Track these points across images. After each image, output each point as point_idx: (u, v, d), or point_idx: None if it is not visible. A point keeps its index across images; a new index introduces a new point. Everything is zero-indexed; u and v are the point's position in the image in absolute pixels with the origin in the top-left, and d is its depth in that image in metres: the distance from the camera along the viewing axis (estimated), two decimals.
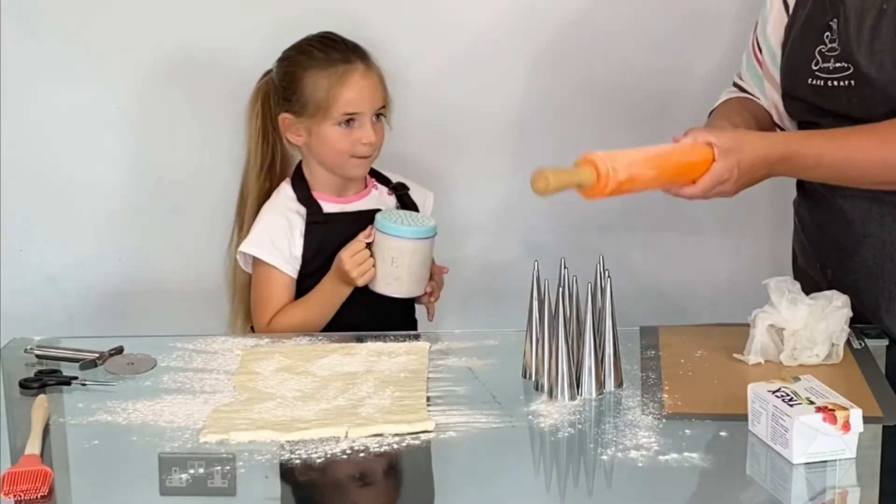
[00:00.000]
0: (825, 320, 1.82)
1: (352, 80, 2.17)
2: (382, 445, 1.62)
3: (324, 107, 2.16)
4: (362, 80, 2.18)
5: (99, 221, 2.67)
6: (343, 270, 2.13)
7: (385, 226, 2.14)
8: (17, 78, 2.57)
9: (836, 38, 1.93)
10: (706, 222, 2.72)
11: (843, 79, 1.91)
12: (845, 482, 1.53)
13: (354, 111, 2.17)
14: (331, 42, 2.21)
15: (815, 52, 1.95)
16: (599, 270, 1.79)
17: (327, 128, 2.18)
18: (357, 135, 2.17)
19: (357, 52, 2.20)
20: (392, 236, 2.13)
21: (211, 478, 1.55)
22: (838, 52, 1.92)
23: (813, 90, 1.96)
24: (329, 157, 2.20)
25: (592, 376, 1.75)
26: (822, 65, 1.94)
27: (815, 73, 1.95)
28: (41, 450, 1.62)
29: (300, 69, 2.19)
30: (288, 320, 2.17)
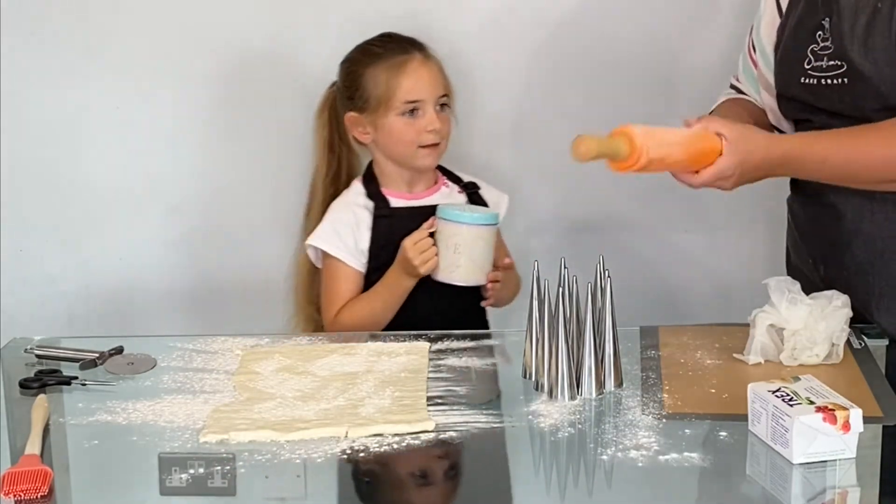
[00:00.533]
0: (825, 320, 1.82)
1: (409, 68, 2.20)
2: (382, 445, 1.62)
3: (385, 98, 2.20)
4: (420, 68, 2.21)
5: (99, 221, 2.67)
6: (406, 259, 2.15)
7: (447, 213, 2.16)
8: (17, 78, 2.57)
9: (828, 36, 1.93)
10: (706, 222, 2.72)
11: (836, 77, 1.92)
12: (845, 482, 1.53)
13: (415, 99, 2.20)
14: (388, 38, 2.26)
15: (808, 52, 1.96)
16: (599, 270, 1.79)
17: (391, 119, 2.20)
18: (421, 123, 2.20)
19: (414, 44, 2.24)
20: (453, 223, 2.15)
21: (211, 478, 1.55)
22: (831, 51, 1.92)
23: (806, 89, 1.97)
24: (396, 150, 2.23)
25: (592, 376, 1.75)
26: (814, 63, 1.95)
27: (807, 71, 1.96)
28: (41, 450, 1.62)
29: (360, 66, 2.24)
30: (353, 314, 2.21)
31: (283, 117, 2.60)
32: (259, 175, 2.64)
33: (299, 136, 2.57)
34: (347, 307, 2.22)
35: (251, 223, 2.66)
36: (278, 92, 2.59)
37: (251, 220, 2.66)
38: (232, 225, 2.67)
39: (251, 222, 2.66)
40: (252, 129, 2.63)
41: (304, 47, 2.56)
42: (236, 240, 2.68)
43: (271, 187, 2.63)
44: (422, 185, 2.29)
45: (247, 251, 2.68)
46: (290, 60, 2.57)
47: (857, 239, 1.97)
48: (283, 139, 2.61)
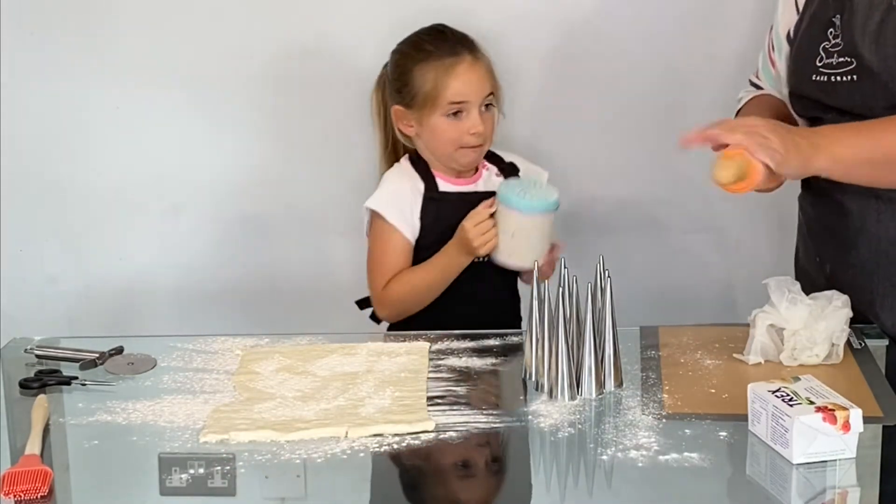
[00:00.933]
0: (825, 320, 1.82)
1: (458, 71, 2.21)
2: (382, 445, 1.62)
3: (431, 98, 2.21)
4: (469, 70, 2.22)
5: (99, 221, 2.67)
6: (466, 239, 2.17)
7: (509, 199, 2.16)
8: (17, 78, 2.57)
9: (839, 33, 1.93)
10: (706, 222, 2.72)
11: (847, 73, 1.92)
12: (845, 482, 1.53)
13: (461, 100, 2.21)
14: (440, 34, 2.27)
15: (820, 49, 1.96)
16: (599, 270, 1.79)
17: (436, 119, 2.22)
18: (465, 125, 2.22)
19: (464, 44, 2.25)
20: (514, 210, 2.16)
21: (211, 478, 1.55)
22: (842, 47, 1.93)
23: (817, 86, 1.97)
24: (439, 148, 2.25)
25: (592, 376, 1.75)
26: (825, 60, 1.95)
27: (819, 69, 1.96)
28: (41, 450, 1.62)
29: (410, 62, 2.25)
30: (406, 284, 2.23)
31: (284, 117, 2.60)
32: (259, 175, 2.64)
33: (301, 136, 2.58)
34: (400, 277, 2.23)
35: (252, 223, 2.66)
36: (279, 92, 2.59)
37: (251, 219, 2.66)
38: (232, 225, 2.67)
39: (252, 222, 2.66)
40: (252, 129, 2.63)
41: (304, 47, 2.56)
42: (236, 240, 2.68)
43: (272, 187, 2.63)
44: (468, 171, 2.30)
45: (247, 251, 2.68)
46: (291, 60, 2.57)
47: (862, 238, 1.97)
48: (283, 139, 2.61)
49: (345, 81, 2.53)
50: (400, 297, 2.22)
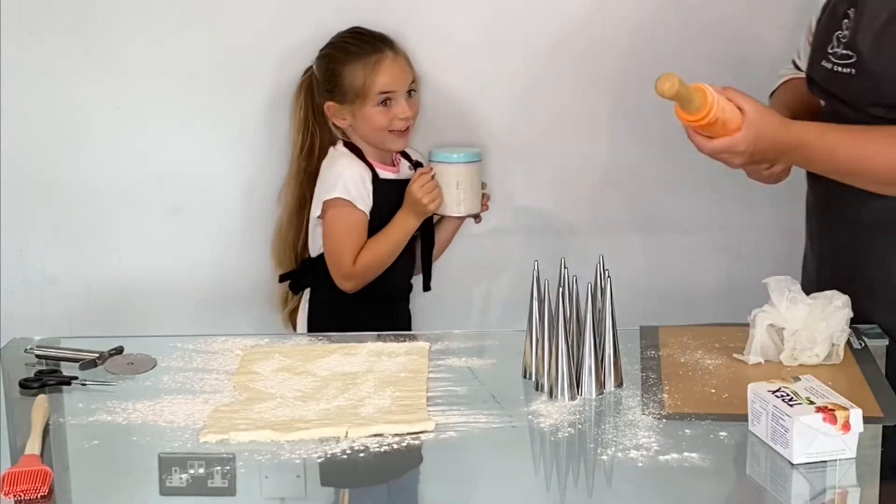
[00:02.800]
0: (825, 320, 1.82)
1: (383, 66, 2.45)
2: (382, 445, 1.62)
3: (362, 92, 2.45)
4: (393, 64, 2.46)
5: (99, 221, 2.67)
6: (416, 200, 2.45)
7: (449, 157, 2.49)
8: (17, 78, 2.57)
9: (850, 25, 1.96)
10: (706, 222, 2.72)
11: (847, 66, 1.96)
12: (845, 482, 1.53)
13: (389, 90, 2.45)
14: (360, 35, 2.50)
15: (833, 37, 1.99)
16: (599, 270, 1.79)
17: (367, 109, 2.46)
18: (394, 112, 2.46)
19: (384, 41, 2.49)
20: (454, 164, 2.49)
21: (211, 478, 1.55)
22: (847, 40, 1.96)
23: (823, 72, 2.01)
24: (372, 135, 2.48)
25: (592, 376, 1.75)
26: (834, 49, 1.99)
27: (828, 55, 2.00)
28: (41, 450, 1.62)
29: (338, 64, 2.47)
30: (372, 255, 2.46)
31: (285, 118, 2.60)
32: (259, 175, 2.64)
33: None
34: (366, 249, 2.46)
35: (252, 223, 2.66)
36: (279, 92, 2.59)
37: (251, 219, 2.66)
38: (232, 225, 2.67)
39: (252, 222, 2.66)
40: (252, 129, 2.63)
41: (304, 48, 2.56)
42: (236, 240, 2.68)
43: (271, 187, 2.63)
44: (388, 160, 2.55)
45: (247, 251, 2.68)
46: (291, 61, 2.57)
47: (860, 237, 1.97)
48: (284, 139, 2.61)
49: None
50: (368, 267, 2.46)
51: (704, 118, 1.78)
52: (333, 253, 2.47)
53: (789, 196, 2.27)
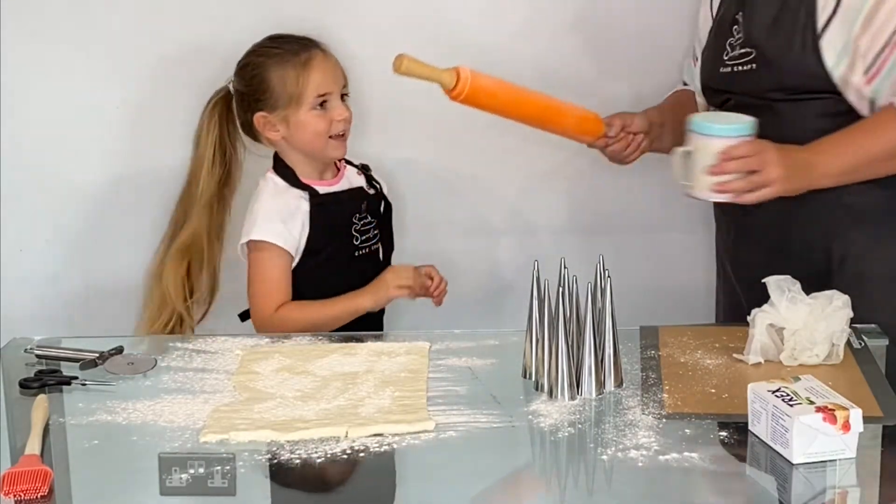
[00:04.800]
0: (825, 320, 1.82)
1: (315, 64, 2.27)
2: (382, 445, 1.62)
3: (296, 95, 2.26)
4: (324, 62, 2.29)
5: (98, 221, 2.67)
6: (385, 284, 2.26)
7: (719, 129, 2.01)
8: (17, 78, 2.57)
9: (741, 28, 2.14)
10: (706, 222, 2.71)
11: (747, 63, 2.13)
12: (845, 482, 1.53)
13: (325, 91, 2.27)
14: (281, 38, 2.33)
15: (726, 44, 2.18)
16: (599, 270, 1.79)
17: (303, 114, 2.26)
18: (331, 114, 2.27)
19: (310, 42, 2.32)
20: (723, 138, 2.00)
21: (211, 478, 1.55)
22: (743, 40, 2.13)
23: (723, 77, 2.18)
24: (309, 143, 2.28)
25: (592, 376, 1.75)
26: (730, 54, 2.17)
27: (725, 62, 2.18)
28: (41, 450, 1.62)
29: (263, 70, 2.29)
30: (303, 314, 2.23)
31: None
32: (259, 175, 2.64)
33: None
34: (296, 306, 2.25)
35: None
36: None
37: None
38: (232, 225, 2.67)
39: None
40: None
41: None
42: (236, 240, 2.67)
43: None
44: (329, 172, 2.35)
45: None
46: None
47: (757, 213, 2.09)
48: None
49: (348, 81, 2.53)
50: (292, 323, 2.20)
51: (461, 92, 2.02)
52: (253, 297, 2.29)
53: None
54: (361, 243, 2.32)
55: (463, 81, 2.03)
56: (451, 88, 2.03)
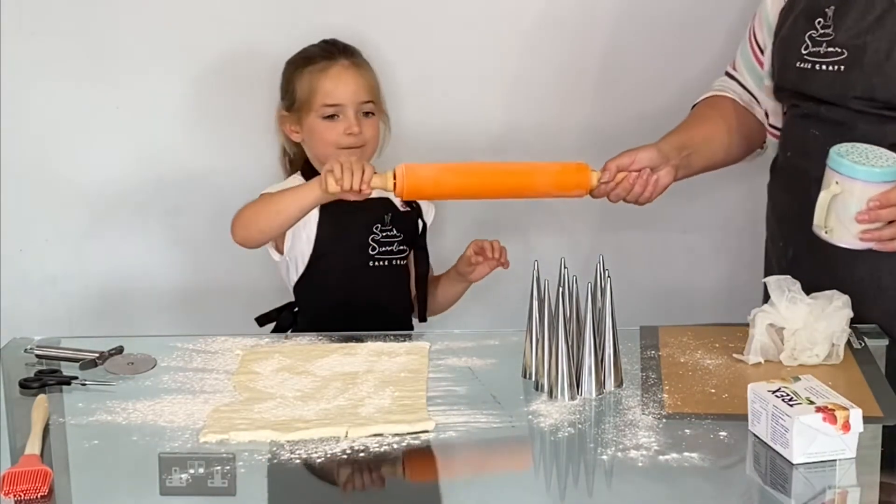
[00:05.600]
0: (825, 320, 1.82)
1: (331, 72, 2.27)
2: (382, 445, 1.62)
3: (308, 99, 2.27)
4: (342, 73, 2.27)
5: (99, 221, 2.67)
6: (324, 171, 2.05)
7: (874, 173, 1.82)
8: (17, 78, 2.57)
9: (830, 24, 1.98)
10: (706, 222, 2.72)
11: (834, 63, 1.97)
12: (845, 482, 1.53)
13: (334, 102, 2.25)
14: (325, 44, 2.34)
15: (806, 37, 2.01)
16: (599, 270, 1.79)
17: (313, 120, 2.26)
18: (340, 126, 2.24)
19: (344, 51, 2.31)
20: (888, 182, 1.81)
21: (211, 478, 1.55)
22: (833, 38, 1.98)
23: (799, 73, 2.02)
24: (320, 150, 2.27)
25: (592, 376, 1.75)
26: (811, 49, 2.00)
27: (804, 56, 2.01)
28: (41, 450, 1.62)
29: (292, 68, 2.33)
30: (259, 200, 2.19)
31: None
32: (259, 175, 2.64)
33: None
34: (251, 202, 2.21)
35: None
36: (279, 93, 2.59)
37: None
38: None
39: None
40: (253, 130, 2.63)
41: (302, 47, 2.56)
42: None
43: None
44: None
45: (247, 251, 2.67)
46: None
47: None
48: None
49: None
50: (250, 212, 2.17)
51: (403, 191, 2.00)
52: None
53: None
54: (379, 254, 2.29)
55: (399, 178, 1.99)
56: (394, 189, 2.00)
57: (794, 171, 2.09)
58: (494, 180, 2.07)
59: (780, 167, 2.17)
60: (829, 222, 1.86)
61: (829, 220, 1.86)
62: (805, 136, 2.06)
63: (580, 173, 2.04)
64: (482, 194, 2.12)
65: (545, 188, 2.06)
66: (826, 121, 1.99)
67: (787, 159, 2.14)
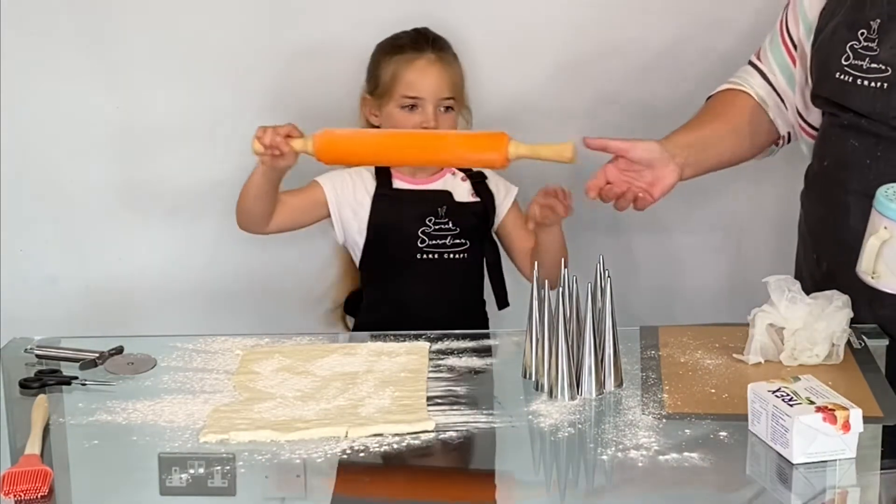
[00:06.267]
0: (825, 320, 1.82)
1: (416, 64, 2.28)
2: (382, 445, 1.62)
3: (389, 88, 2.29)
4: (428, 66, 2.29)
5: (99, 221, 2.67)
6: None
7: None
8: (17, 78, 2.57)
9: (875, 38, 1.92)
10: (706, 222, 2.72)
11: (877, 80, 1.91)
12: (845, 482, 1.53)
13: (414, 94, 2.27)
14: (417, 33, 2.35)
15: (847, 47, 1.95)
16: (599, 270, 1.79)
17: (391, 109, 2.29)
18: (418, 119, 2.26)
19: (434, 44, 2.32)
20: None
21: (211, 478, 1.55)
22: (877, 53, 1.92)
23: (838, 85, 1.96)
24: None
25: (592, 376, 1.75)
26: (852, 61, 1.94)
27: (843, 67, 1.95)
28: (41, 450, 1.62)
29: (381, 53, 2.34)
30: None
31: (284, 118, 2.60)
32: None
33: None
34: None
35: None
36: (278, 92, 2.59)
37: None
38: (232, 225, 2.67)
39: None
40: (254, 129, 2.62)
41: (302, 48, 2.56)
42: (236, 240, 2.67)
43: None
44: (426, 171, 2.33)
45: (247, 251, 2.68)
46: (290, 61, 2.57)
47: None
48: None
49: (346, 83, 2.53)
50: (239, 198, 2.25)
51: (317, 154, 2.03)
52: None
53: (790, 196, 2.27)
54: (429, 247, 2.29)
55: (316, 140, 2.02)
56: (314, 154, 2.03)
57: (830, 182, 2.02)
58: (409, 142, 2.07)
59: (815, 177, 2.10)
60: (878, 268, 1.77)
61: (877, 266, 1.77)
62: (844, 148, 1.99)
63: (495, 138, 1.99)
64: (397, 156, 2.11)
65: (461, 150, 2.04)
66: (867, 133, 1.94)
67: (822, 169, 2.07)
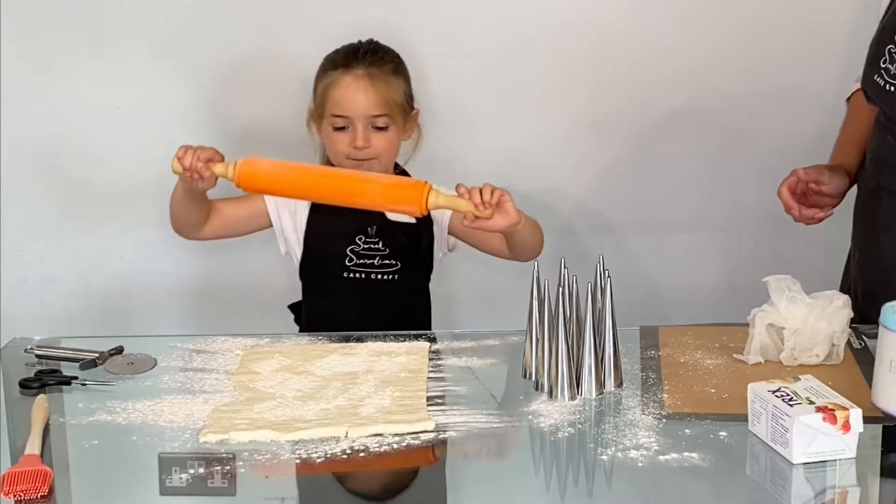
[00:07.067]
0: (825, 320, 1.82)
1: (342, 83, 2.19)
2: (382, 445, 1.62)
3: (320, 107, 2.23)
4: (352, 85, 2.19)
5: (99, 221, 2.67)
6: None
7: None
8: (17, 77, 2.57)
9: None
10: (706, 222, 2.72)
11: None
12: (845, 482, 1.53)
13: (341, 114, 2.19)
14: (350, 48, 2.25)
15: (886, 50, 1.94)
16: (599, 270, 1.79)
17: (326, 127, 2.23)
18: (348, 139, 2.19)
19: (366, 60, 2.21)
20: None
21: (211, 478, 1.55)
22: None
23: (875, 85, 1.96)
24: (332, 157, 2.24)
25: (592, 376, 1.75)
26: (886, 65, 1.93)
27: (880, 70, 1.94)
28: (41, 450, 1.62)
29: (319, 70, 2.25)
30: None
31: (283, 118, 2.60)
32: None
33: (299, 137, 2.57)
34: None
35: None
36: (278, 92, 2.59)
37: None
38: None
39: None
40: (251, 129, 2.63)
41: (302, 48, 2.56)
42: (236, 240, 2.67)
43: None
44: None
45: (247, 251, 2.68)
46: (290, 61, 2.57)
47: (885, 234, 1.98)
48: (283, 139, 2.61)
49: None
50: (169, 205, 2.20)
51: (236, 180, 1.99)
52: None
53: None
54: (356, 266, 2.22)
55: (237, 167, 1.99)
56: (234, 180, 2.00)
57: (868, 176, 2.03)
58: (327, 182, 2.00)
59: (859, 173, 2.11)
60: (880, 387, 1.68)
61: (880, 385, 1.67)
62: (883, 143, 2.00)
63: (414, 189, 1.93)
64: (314, 194, 2.05)
65: (378, 198, 1.97)
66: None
67: (866, 162, 2.07)
